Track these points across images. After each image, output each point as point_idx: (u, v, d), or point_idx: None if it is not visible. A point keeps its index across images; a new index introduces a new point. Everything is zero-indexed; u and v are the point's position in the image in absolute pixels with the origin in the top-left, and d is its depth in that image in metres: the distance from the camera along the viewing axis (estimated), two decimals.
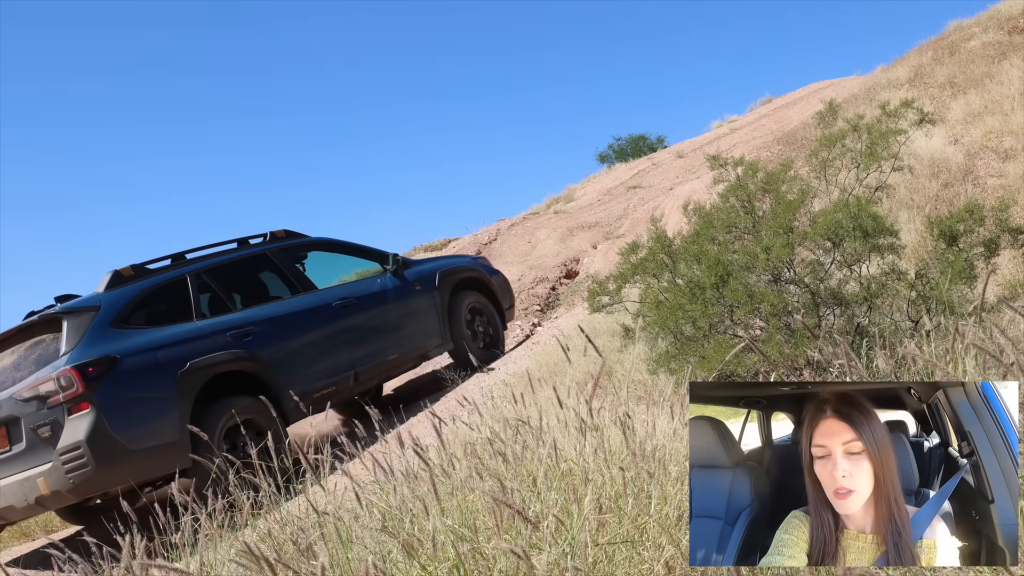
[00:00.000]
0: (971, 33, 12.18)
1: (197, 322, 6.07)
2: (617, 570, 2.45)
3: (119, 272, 6.04)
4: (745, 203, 4.88)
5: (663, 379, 4.63)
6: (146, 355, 5.66)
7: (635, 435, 2.97)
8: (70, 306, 5.75)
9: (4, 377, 5.69)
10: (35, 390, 5.35)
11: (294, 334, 6.50)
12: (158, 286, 6.12)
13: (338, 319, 6.83)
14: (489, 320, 8.18)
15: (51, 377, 5.32)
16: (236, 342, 6.11)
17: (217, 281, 6.45)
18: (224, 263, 6.61)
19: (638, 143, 27.02)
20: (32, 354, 5.70)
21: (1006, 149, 8.05)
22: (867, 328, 4.22)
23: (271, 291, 6.94)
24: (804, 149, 9.98)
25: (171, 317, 6.04)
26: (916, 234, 6.17)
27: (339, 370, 6.71)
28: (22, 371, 5.62)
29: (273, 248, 6.98)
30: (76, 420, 5.27)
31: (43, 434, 5.32)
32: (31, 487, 5.31)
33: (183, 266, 6.36)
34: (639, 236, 5.46)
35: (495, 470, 3.09)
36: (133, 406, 5.48)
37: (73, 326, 5.58)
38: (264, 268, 6.97)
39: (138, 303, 5.93)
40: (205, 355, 5.86)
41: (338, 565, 2.82)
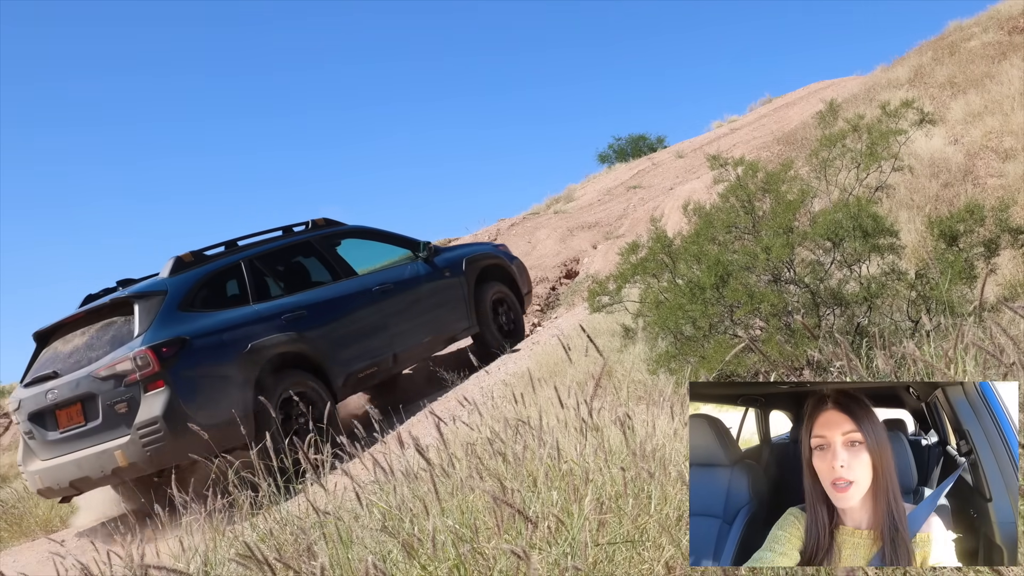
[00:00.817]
0: (971, 33, 12.18)
1: (253, 305, 6.46)
2: (617, 570, 2.46)
3: (180, 258, 6.40)
4: (745, 203, 4.88)
5: (663, 379, 4.63)
6: (212, 337, 6.07)
7: (635, 435, 2.97)
8: (139, 290, 6.14)
9: (78, 357, 6.08)
10: (112, 369, 5.76)
11: (341, 317, 6.91)
12: (217, 271, 6.50)
13: (379, 303, 7.22)
14: (510, 305, 8.62)
15: (128, 357, 5.72)
16: (290, 324, 6.50)
17: (268, 267, 6.86)
18: (273, 250, 6.99)
19: (638, 143, 26.99)
20: (105, 335, 6.07)
21: (1006, 149, 8.05)
22: (867, 328, 4.22)
23: (314, 276, 7.28)
24: (804, 149, 9.98)
25: (230, 301, 6.46)
26: (916, 234, 6.17)
27: (380, 351, 7.11)
28: (96, 351, 6.01)
29: (315, 235, 7.35)
30: (152, 397, 5.69)
31: (120, 410, 5.73)
32: (108, 459, 5.72)
33: (237, 252, 6.75)
34: (639, 236, 5.47)
35: (495, 470, 3.09)
36: (202, 384, 5.90)
37: (144, 309, 5.97)
38: (308, 254, 7.34)
39: (200, 287, 6.31)
40: (264, 337, 6.27)
41: (338, 565, 2.82)
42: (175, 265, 6.34)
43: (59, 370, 6.09)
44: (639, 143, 26.97)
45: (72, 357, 6.13)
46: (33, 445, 6.26)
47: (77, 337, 6.24)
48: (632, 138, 27.51)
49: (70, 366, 6.06)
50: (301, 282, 7.09)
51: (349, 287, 7.13)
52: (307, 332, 6.57)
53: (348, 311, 6.97)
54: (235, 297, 6.51)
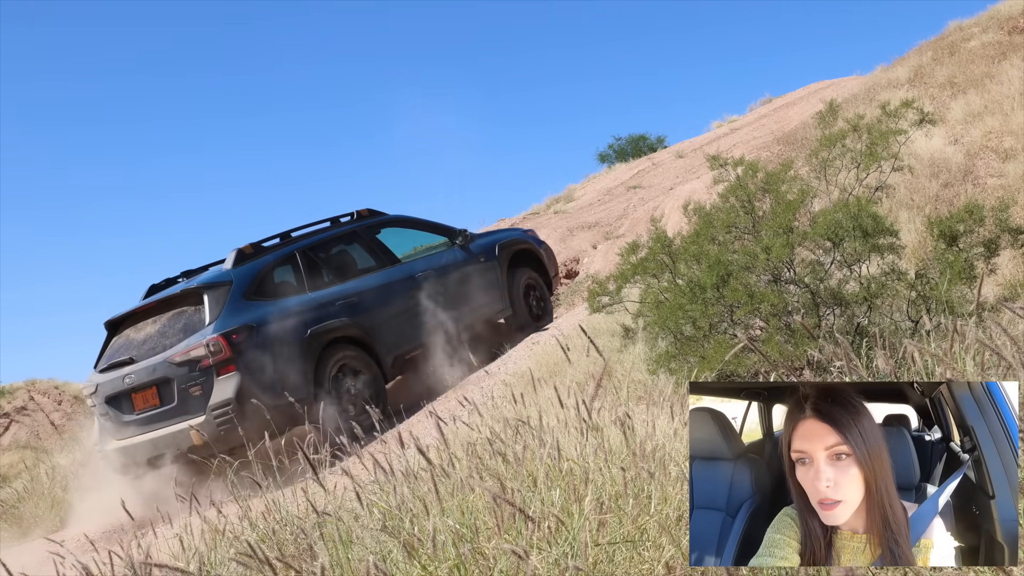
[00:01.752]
0: (971, 33, 12.18)
1: (310, 293, 6.90)
2: (617, 570, 2.45)
3: (242, 250, 6.87)
4: (745, 203, 4.88)
5: (663, 379, 4.63)
6: (276, 324, 6.53)
7: (635, 435, 2.97)
8: (207, 280, 6.61)
9: (153, 344, 6.54)
10: (187, 355, 6.24)
11: (389, 302, 7.33)
12: (276, 261, 6.95)
13: (423, 288, 7.63)
14: (539, 288, 8.98)
15: (201, 343, 6.21)
16: (343, 310, 6.96)
17: (320, 256, 7.28)
18: (324, 240, 7.41)
19: (638, 143, 26.96)
20: (176, 323, 6.54)
21: (1006, 149, 8.05)
22: (867, 328, 4.22)
23: (360, 264, 7.65)
24: (804, 149, 9.97)
25: (288, 289, 6.91)
26: (916, 234, 6.17)
27: (425, 334, 7.52)
28: (169, 338, 6.47)
29: (361, 225, 7.77)
30: (224, 381, 6.19)
31: (194, 393, 6.23)
32: (184, 438, 6.21)
33: (291, 243, 7.18)
34: (639, 236, 5.47)
35: (495, 470, 3.09)
36: (269, 368, 6.36)
37: (213, 298, 6.44)
38: (355, 243, 7.73)
39: (262, 277, 6.79)
40: (322, 323, 6.74)
41: (338, 565, 2.82)
42: (237, 257, 6.79)
43: (135, 356, 6.54)
44: (639, 143, 26.93)
45: (146, 344, 6.59)
46: (109, 426, 6.71)
47: (149, 325, 6.70)
48: (632, 138, 27.47)
49: (145, 352, 6.52)
50: (350, 270, 7.48)
51: (394, 274, 7.54)
52: (359, 317, 7.02)
53: (395, 296, 7.40)
54: (293, 285, 6.94)
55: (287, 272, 7.02)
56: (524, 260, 8.85)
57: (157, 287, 7.20)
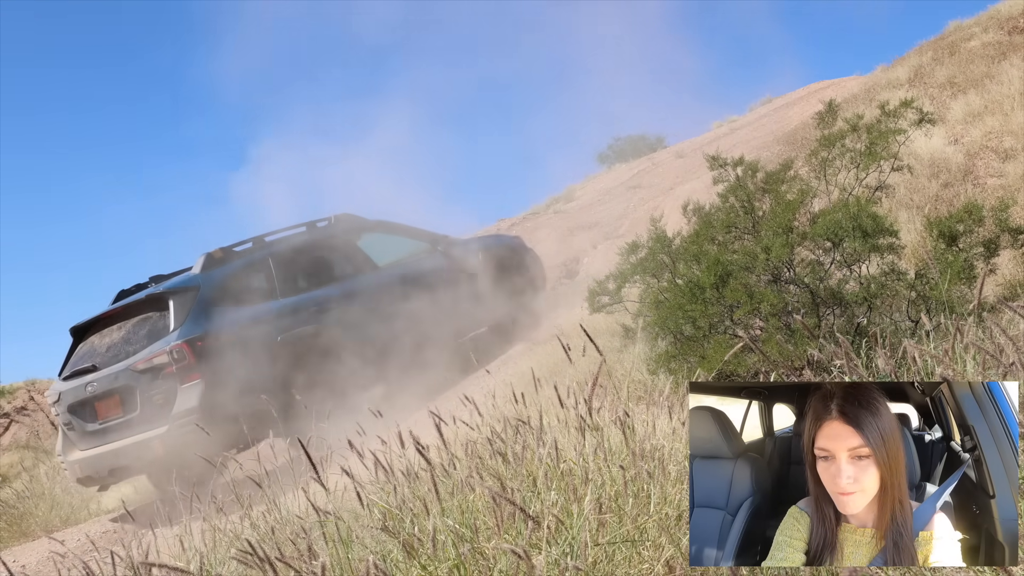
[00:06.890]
0: (971, 33, 12.17)
1: (281, 299, 6.71)
2: (617, 570, 2.45)
3: (211, 255, 6.61)
4: (745, 203, 4.88)
5: (663, 379, 4.63)
6: (244, 330, 6.28)
7: (635, 435, 2.97)
8: (173, 285, 6.34)
9: (117, 351, 6.27)
10: (150, 362, 5.97)
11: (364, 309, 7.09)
12: (246, 267, 6.74)
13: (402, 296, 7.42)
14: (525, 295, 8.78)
15: (164, 351, 5.95)
16: (315, 317, 6.76)
17: (293, 261, 7.06)
18: (298, 245, 7.17)
19: (638, 143, 26.97)
20: (141, 329, 6.28)
21: (1006, 149, 8.04)
22: (867, 328, 4.22)
23: (337, 270, 7.44)
24: (804, 149, 9.96)
25: (259, 295, 6.70)
26: (916, 234, 6.16)
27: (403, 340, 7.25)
28: (133, 345, 6.22)
29: (338, 230, 7.55)
30: (188, 389, 5.92)
31: (157, 402, 5.94)
32: (147, 449, 5.92)
33: (263, 248, 6.95)
34: (639, 236, 5.47)
35: (495, 470, 3.09)
36: (236, 376, 6.06)
37: (179, 304, 6.18)
38: (331, 248, 7.49)
39: (231, 282, 6.52)
40: (292, 330, 6.54)
41: (338, 565, 2.82)
42: (206, 261, 6.53)
43: (98, 363, 6.27)
44: (639, 143, 26.94)
45: (110, 351, 6.33)
46: (72, 436, 6.47)
47: (114, 332, 6.46)
48: (632, 138, 27.48)
49: (108, 360, 6.26)
50: (325, 276, 7.27)
51: (372, 280, 7.34)
52: (332, 324, 6.79)
53: (372, 304, 7.17)
54: (263, 291, 6.74)
55: (258, 277, 6.80)
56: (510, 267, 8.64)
57: (126, 292, 6.93)
